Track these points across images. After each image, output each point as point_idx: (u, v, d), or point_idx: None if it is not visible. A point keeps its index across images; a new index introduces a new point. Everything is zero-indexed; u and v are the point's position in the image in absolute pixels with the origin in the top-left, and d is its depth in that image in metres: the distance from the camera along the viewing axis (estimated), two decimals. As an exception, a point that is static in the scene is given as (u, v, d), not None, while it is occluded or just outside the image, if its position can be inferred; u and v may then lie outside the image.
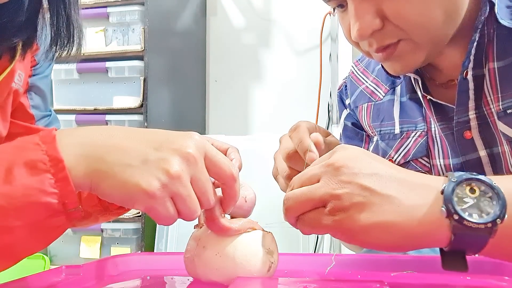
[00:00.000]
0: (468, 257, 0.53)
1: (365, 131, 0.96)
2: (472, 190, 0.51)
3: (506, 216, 0.49)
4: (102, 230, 2.05)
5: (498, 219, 0.49)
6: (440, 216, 0.50)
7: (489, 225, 0.49)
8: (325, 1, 0.76)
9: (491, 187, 0.51)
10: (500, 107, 0.74)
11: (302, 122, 0.75)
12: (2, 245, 0.48)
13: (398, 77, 0.87)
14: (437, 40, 0.73)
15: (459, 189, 0.51)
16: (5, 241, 0.48)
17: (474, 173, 0.52)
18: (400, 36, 0.71)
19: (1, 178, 0.47)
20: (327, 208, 0.53)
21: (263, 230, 0.60)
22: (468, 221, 0.49)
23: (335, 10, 0.77)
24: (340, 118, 1.02)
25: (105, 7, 2.08)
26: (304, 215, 0.55)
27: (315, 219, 0.54)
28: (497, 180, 0.51)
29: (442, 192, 0.51)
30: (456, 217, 0.49)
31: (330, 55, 2.24)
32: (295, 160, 0.72)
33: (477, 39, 0.73)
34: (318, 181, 0.55)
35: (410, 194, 0.52)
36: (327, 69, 2.32)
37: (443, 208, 0.50)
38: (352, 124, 0.98)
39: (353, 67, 1.00)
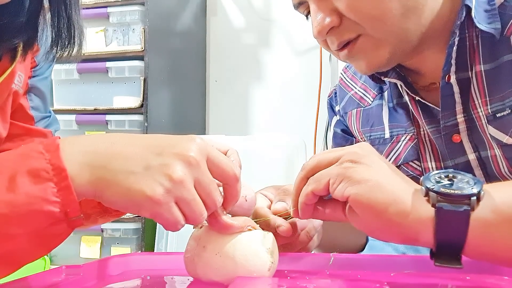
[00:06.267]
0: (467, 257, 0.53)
1: (354, 137, 0.96)
2: (451, 180, 0.54)
3: (482, 192, 0.52)
4: (102, 230, 2.05)
5: (476, 190, 0.52)
6: (421, 197, 0.54)
7: (469, 194, 0.51)
8: (295, 8, 0.78)
9: (469, 176, 0.54)
10: (489, 110, 0.74)
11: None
12: (4, 252, 0.48)
13: (384, 83, 0.87)
14: (399, 36, 0.72)
15: (436, 175, 0.55)
16: (7, 248, 0.48)
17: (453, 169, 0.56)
18: (358, 31, 0.72)
19: (4, 186, 0.47)
20: (338, 161, 0.57)
21: (262, 229, 0.60)
22: (445, 187, 0.52)
23: (308, 17, 0.79)
24: (330, 125, 1.02)
25: (105, 7, 2.09)
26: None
27: (323, 172, 0.58)
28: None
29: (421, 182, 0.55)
30: (434, 188, 0.53)
31: (330, 55, 2.24)
32: None
33: (456, 43, 0.73)
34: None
35: (402, 184, 0.56)
36: (327, 69, 2.32)
37: (423, 188, 0.54)
38: (342, 130, 0.98)
39: (342, 74, 1.00)
